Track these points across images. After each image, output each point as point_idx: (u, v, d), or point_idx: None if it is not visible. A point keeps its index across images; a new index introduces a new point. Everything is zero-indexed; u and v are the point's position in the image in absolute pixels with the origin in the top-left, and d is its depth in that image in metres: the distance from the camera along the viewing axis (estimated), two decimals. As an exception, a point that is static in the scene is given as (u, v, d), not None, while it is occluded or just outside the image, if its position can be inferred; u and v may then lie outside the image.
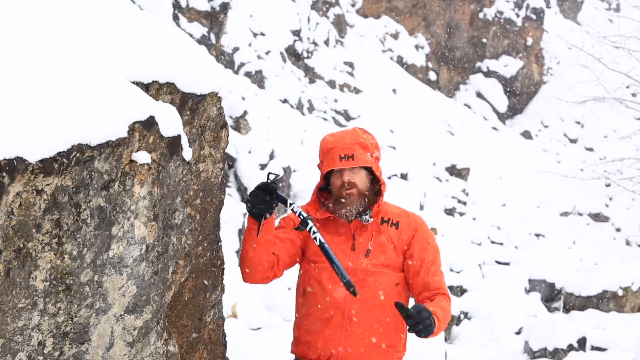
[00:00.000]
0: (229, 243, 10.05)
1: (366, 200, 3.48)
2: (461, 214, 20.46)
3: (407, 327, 3.19)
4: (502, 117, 32.74)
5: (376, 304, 3.41)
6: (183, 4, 16.52)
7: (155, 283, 2.81)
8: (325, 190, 3.59)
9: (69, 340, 2.56)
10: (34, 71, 2.53)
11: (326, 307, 3.41)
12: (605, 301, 12.89)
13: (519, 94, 33.76)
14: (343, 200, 3.45)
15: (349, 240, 3.47)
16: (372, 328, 3.41)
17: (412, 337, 3.58)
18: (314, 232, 3.30)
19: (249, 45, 19.22)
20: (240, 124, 13.23)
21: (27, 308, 2.42)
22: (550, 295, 14.54)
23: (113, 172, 2.58)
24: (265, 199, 3.29)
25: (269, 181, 3.33)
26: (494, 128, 31.51)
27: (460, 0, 31.96)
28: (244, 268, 3.46)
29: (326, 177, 3.55)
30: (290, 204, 3.33)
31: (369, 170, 3.50)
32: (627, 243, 25.64)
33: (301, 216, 3.33)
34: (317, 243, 3.30)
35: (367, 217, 3.46)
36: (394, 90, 27.79)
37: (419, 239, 3.50)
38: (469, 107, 31.93)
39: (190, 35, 11.18)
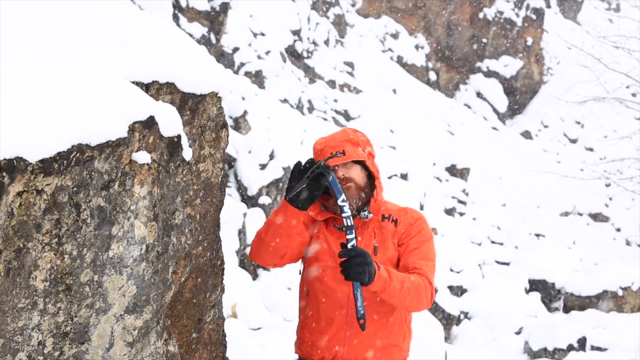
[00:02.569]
0: (229, 243, 10.03)
1: (364, 195, 3.48)
2: (461, 214, 20.47)
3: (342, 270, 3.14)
4: (502, 117, 32.75)
5: (380, 303, 3.38)
6: (183, 4, 16.52)
7: (155, 283, 2.81)
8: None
9: (69, 340, 2.55)
10: (34, 71, 2.52)
11: (330, 307, 3.41)
12: (605, 301, 12.89)
13: (519, 94, 33.78)
14: None
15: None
16: (376, 327, 3.39)
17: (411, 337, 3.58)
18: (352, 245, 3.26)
19: (249, 45, 19.22)
20: (240, 124, 13.23)
21: (27, 308, 2.42)
22: (550, 295, 14.54)
23: (113, 172, 2.58)
24: (317, 191, 3.29)
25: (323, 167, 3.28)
26: (494, 128, 31.52)
27: (460, 0, 31.97)
28: (257, 247, 3.46)
29: None
30: (343, 200, 3.29)
31: (364, 166, 3.51)
32: (627, 243, 25.64)
33: (348, 220, 3.26)
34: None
35: (366, 212, 3.46)
36: (394, 90, 27.81)
37: (411, 230, 3.47)
38: (469, 107, 31.95)
39: (190, 35, 11.17)
